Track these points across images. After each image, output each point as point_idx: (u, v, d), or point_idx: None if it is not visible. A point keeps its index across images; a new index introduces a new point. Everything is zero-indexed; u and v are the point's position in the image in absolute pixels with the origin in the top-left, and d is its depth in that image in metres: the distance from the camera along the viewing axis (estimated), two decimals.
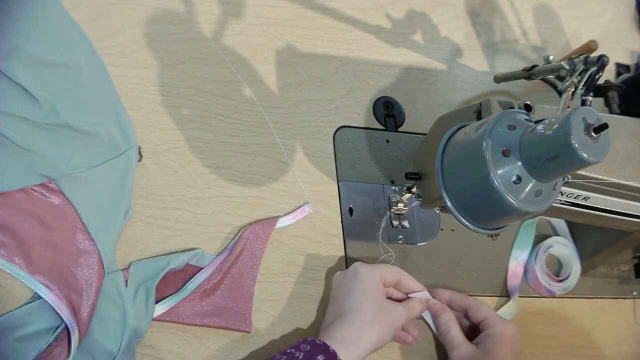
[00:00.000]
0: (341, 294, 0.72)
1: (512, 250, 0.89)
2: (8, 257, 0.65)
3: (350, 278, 0.73)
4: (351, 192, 0.84)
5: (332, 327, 0.69)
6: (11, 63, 0.69)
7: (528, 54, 1.04)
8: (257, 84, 0.85)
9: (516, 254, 0.89)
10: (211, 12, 0.87)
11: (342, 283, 0.73)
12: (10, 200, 0.66)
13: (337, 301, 0.72)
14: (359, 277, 0.72)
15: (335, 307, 0.72)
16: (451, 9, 1.03)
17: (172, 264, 0.70)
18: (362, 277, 0.72)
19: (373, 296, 0.71)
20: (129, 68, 0.80)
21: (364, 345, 0.68)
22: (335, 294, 0.73)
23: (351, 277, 0.73)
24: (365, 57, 0.93)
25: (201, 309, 0.71)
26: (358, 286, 0.72)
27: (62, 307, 0.64)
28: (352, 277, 0.73)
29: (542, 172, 0.59)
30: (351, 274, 0.73)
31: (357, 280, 0.72)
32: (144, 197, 0.75)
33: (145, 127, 0.78)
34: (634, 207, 0.78)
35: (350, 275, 0.73)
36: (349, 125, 0.88)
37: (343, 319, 0.69)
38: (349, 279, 0.73)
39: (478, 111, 0.72)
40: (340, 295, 0.72)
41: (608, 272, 0.93)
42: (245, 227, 0.76)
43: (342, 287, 0.73)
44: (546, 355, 0.86)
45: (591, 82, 0.67)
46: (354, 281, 0.72)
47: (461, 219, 0.65)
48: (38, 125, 0.69)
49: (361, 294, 0.71)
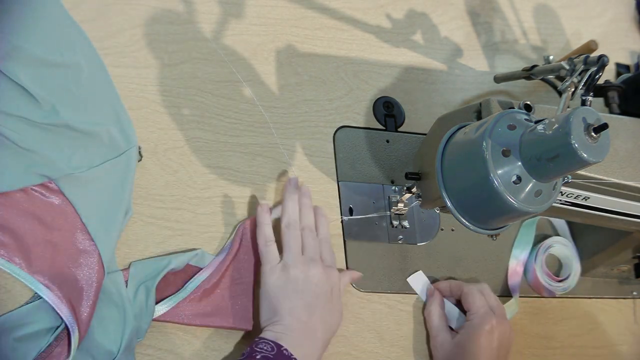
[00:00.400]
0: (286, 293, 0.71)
1: (513, 249, 0.89)
2: (8, 257, 0.65)
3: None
4: (351, 192, 0.84)
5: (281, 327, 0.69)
6: (11, 63, 0.69)
7: (528, 54, 1.04)
8: (257, 84, 0.85)
9: (516, 253, 0.89)
10: (211, 12, 0.87)
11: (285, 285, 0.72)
12: (10, 200, 0.66)
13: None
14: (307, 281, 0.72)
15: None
16: (451, 9, 1.03)
17: (172, 264, 0.70)
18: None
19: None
20: (129, 68, 0.80)
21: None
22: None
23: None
24: (365, 57, 0.93)
25: (201, 309, 0.71)
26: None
27: (62, 307, 0.64)
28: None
29: (542, 172, 0.59)
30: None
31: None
32: (144, 197, 0.75)
33: (145, 127, 0.78)
34: (634, 207, 0.78)
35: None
36: (349, 125, 0.88)
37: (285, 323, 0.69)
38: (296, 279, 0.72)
39: (478, 111, 0.72)
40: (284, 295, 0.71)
41: (608, 272, 0.93)
42: (241, 223, 0.76)
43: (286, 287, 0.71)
44: (546, 355, 0.86)
45: (591, 82, 0.67)
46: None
47: (461, 219, 0.65)
48: (38, 125, 0.69)
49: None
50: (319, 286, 0.71)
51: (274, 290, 0.71)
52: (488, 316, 0.76)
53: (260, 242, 0.74)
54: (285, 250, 0.73)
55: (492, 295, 0.80)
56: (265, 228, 0.75)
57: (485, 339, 0.74)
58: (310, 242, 0.74)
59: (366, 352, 0.77)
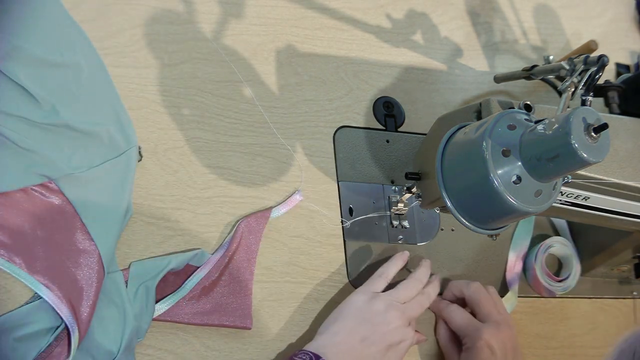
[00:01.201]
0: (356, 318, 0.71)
1: (512, 242, 0.89)
2: (8, 257, 0.65)
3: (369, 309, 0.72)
4: (351, 192, 0.84)
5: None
6: (11, 63, 0.69)
7: (528, 54, 1.04)
8: (257, 84, 0.85)
9: (515, 245, 0.89)
10: (211, 12, 0.87)
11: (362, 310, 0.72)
12: (10, 200, 0.66)
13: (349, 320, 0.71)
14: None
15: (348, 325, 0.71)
16: (451, 9, 1.03)
17: (172, 264, 0.70)
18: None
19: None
20: (129, 68, 0.80)
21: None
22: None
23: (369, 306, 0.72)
24: (365, 57, 0.93)
25: (201, 307, 0.71)
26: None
27: (62, 307, 0.64)
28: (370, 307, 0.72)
29: (542, 172, 0.59)
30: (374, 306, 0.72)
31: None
32: (144, 197, 0.75)
33: (145, 127, 0.78)
34: (634, 207, 0.78)
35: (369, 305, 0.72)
36: (349, 125, 0.88)
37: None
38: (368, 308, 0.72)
39: (478, 111, 0.72)
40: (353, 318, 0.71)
41: (608, 272, 0.93)
42: (240, 221, 0.76)
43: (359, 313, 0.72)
44: (546, 355, 0.86)
45: (591, 82, 0.67)
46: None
47: (461, 219, 0.65)
48: (38, 125, 0.69)
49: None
50: (390, 334, 0.71)
51: (348, 307, 0.72)
52: (477, 332, 0.74)
53: (377, 272, 0.76)
54: (392, 290, 0.75)
55: (483, 299, 0.78)
56: (391, 266, 0.77)
57: (485, 355, 0.73)
58: (416, 305, 0.75)
59: None
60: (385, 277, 0.76)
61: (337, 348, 0.67)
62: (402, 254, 0.80)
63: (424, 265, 0.79)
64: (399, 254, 0.79)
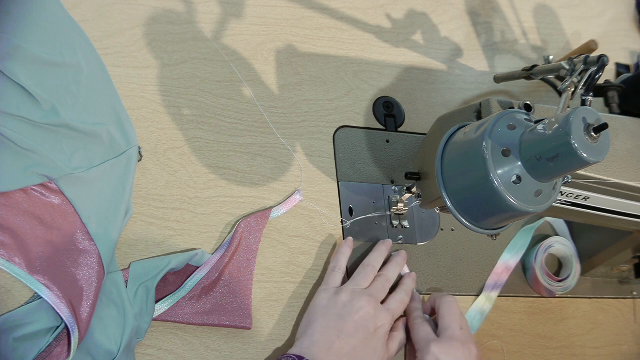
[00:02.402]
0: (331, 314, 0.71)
1: (504, 252, 0.88)
2: (8, 257, 0.65)
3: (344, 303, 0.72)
4: (351, 192, 0.84)
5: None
6: (11, 63, 0.69)
7: (528, 54, 1.04)
8: (257, 84, 0.85)
9: (506, 257, 0.88)
10: (211, 12, 0.87)
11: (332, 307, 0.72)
12: (10, 200, 0.66)
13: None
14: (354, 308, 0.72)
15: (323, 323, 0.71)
16: (451, 9, 1.03)
17: (172, 264, 0.70)
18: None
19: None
20: (129, 68, 0.80)
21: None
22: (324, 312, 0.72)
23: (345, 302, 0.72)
24: (365, 57, 0.93)
25: (201, 307, 0.71)
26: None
27: (62, 307, 0.64)
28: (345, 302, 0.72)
29: (542, 172, 0.59)
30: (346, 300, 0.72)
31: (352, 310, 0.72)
32: (144, 197, 0.75)
33: (145, 127, 0.78)
34: (634, 207, 0.78)
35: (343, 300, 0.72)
36: (349, 125, 0.88)
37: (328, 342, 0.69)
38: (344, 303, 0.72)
39: (478, 111, 0.72)
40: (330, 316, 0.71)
41: (608, 272, 0.93)
42: (240, 221, 0.76)
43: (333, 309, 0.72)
44: (546, 355, 0.86)
45: (591, 82, 0.67)
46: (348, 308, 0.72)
47: (461, 219, 0.65)
48: (38, 125, 0.69)
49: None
50: (363, 320, 0.71)
51: (316, 308, 0.72)
52: (427, 346, 0.71)
53: (330, 267, 0.77)
54: (351, 279, 0.75)
55: (447, 314, 0.75)
56: (341, 257, 0.78)
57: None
58: (378, 285, 0.75)
59: None
60: (339, 269, 0.76)
61: (317, 347, 0.68)
62: (344, 243, 0.79)
63: (376, 250, 0.79)
64: (339, 247, 0.79)
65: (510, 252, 0.89)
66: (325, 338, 0.69)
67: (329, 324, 0.70)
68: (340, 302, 0.72)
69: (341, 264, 0.77)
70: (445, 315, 0.75)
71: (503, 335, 0.85)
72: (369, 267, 0.77)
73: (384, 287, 0.76)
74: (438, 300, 0.77)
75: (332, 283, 0.75)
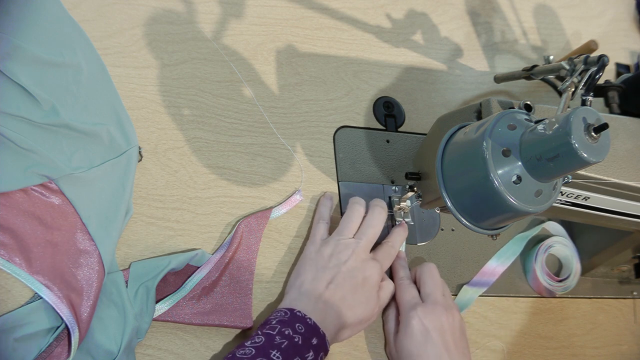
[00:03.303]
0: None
1: (492, 258, 0.87)
2: (8, 257, 0.65)
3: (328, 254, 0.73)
4: (351, 192, 0.84)
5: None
6: (11, 63, 0.69)
7: (528, 54, 1.04)
8: (257, 84, 0.85)
9: (493, 264, 0.87)
10: (211, 12, 0.87)
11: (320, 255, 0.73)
12: (10, 200, 0.66)
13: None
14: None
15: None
16: (451, 9, 1.03)
17: (172, 264, 0.70)
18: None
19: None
20: (129, 68, 0.80)
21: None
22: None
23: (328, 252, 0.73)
24: (365, 57, 0.93)
25: (201, 307, 0.71)
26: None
27: (62, 307, 0.64)
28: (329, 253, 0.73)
29: (542, 172, 0.59)
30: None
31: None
32: (144, 197, 0.75)
33: (145, 127, 0.78)
34: (634, 207, 0.78)
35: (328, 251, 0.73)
36: (349, 125, 0.88)
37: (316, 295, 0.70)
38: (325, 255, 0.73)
39: (478, 111, 0.72)
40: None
41: (608, 272, 0.93)
42: (240, 221, 0.76)
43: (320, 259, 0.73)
44: (546, 355, 0.86)
45: (591, 82, 0.67)
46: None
47: (461, 219, 0.65)
48: (38, 125, 0.69)
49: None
50: (349, 270, 0.72)
51: (304, 260, 0.73)
52: (412, 310, 0.72)
53: (314, 219, 0.79)
54: (336, 229, 0.76)
55: (429, 280, 0.76)
56: (323, 209, 0.79)
57: (418, 333, 0.71)
58: (367, 231, 0.75)
59: (367, 353, 0.77)
60: (323, 220, 0.78)
61: (306, 298, 0.69)
62: (323, 196, 0.80)
63: (353, 202, 0.78)
64: (321, 197, 0.80)
65: (499, 259, 0.88)
66: (313, 288, 0.70)
67: (317, 275, 0.71)
68: (326, 254, 0.73)
69: (324, 215, 0.78)
70: (427, 281, 0.76)
71: (503, 335, 0.85)
72: (353, 214, 0.77)
73: (370, 233, 0.76)
74: (419, 268, 0.78)
75: (318, 235, 0.76)
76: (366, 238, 0.75)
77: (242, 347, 0.62)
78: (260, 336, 0.63)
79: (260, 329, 0.65)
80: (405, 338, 0.72)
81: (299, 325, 0.65)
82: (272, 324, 0.65)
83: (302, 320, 0.66)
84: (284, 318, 0.65)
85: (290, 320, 0.65)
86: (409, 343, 0.71)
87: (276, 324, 0.65)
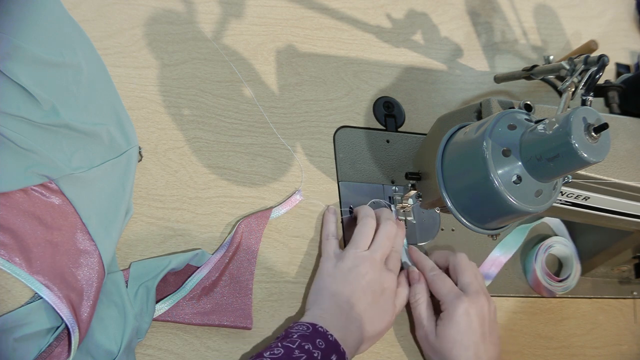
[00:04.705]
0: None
1: (495, 249, 0.88)
2: (8, 257, 0.65)
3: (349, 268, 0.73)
4: (351, 192, 0.84)
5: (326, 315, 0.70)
6: (11, 63, 0.69)
7: (528, 54, 1.04)
8: (257, 84, 0.85)
9: (496, 254, 0.88)
10: (211, 12, 0.87)
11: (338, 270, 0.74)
12: (10, 200, 0.66)
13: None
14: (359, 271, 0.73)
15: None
16: (451, 9, 1.03)
17: (173, 264, 0.70)
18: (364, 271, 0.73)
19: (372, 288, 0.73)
20: (129, 68, 0.80)
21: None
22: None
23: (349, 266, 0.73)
24: (365, 57, 0.93)
25: (201, 307, 0.71)
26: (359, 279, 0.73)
27: (62, 307, 0.64)
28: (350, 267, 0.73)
29: (542, 172, 0.59)
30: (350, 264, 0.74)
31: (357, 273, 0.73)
32: (144, 197, 0.75)
33: (145, 127, 0.78)
34: (634, 207, 0.78)
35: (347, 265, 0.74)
36: (349, 125, 0.88)
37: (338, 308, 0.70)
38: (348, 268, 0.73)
39: (478, 111, 0.72)
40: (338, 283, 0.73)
41: (608, 272, 0.93)
42: (240, 221, 0.76)
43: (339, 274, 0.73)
44: (546, 355, 0.86)
45: (591, 82, 0.67)
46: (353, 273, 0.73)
47: (461, 219, 0.65)
48: (38, 126, 0.69)
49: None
50: (369, 284, 0.72)
51: (322, 276, 0.73)
52: (458, 299, 0.74)
53: (322, 237, 0.78)
54: (350, 242, 0.76)
55: (467, 269, 0.78)
56: (330, 225, 0.79)
57: (463, 322, 0.73)
58: (382, 242, 0.76)
59: (367, 352, 0.77)
60: (332, 235, 0.78)
61: (328, 314, 0.69)
62: (327, 211, 0.80)
63: (364, 214, 0.79)
64: (325, 212, 0.80)
65: (502, 249, 0.89)
66: (334, 305, 0.70)
67: (337, 291, 0.71)
68: (345, 268, 0.73)
69: (332, 230, 0.78)
70: (465, 270, 0.77)
71: (503, 335, 0.85)
72: (366, 227, 0.77)
73: (387, 243, 0.76)
74: (452, 258, 0.79)
75: (330, 250, 0.76)
76: (382, 250, 0.76)
77: (260, 357, 0.62)
78: (279, 348, 0.63)
79: (280, 340, 0.65)
80: (451, 326, 0.73)
81: (319, 340, 0.65)
82: (292, 337, 0.65)
83: (324, 336, 0.65)
84: (306, 332, 0.65)
85: (311, 335, 0.65)
86: (454, 331, 0.73)
87: (297, 338, 0.64)
